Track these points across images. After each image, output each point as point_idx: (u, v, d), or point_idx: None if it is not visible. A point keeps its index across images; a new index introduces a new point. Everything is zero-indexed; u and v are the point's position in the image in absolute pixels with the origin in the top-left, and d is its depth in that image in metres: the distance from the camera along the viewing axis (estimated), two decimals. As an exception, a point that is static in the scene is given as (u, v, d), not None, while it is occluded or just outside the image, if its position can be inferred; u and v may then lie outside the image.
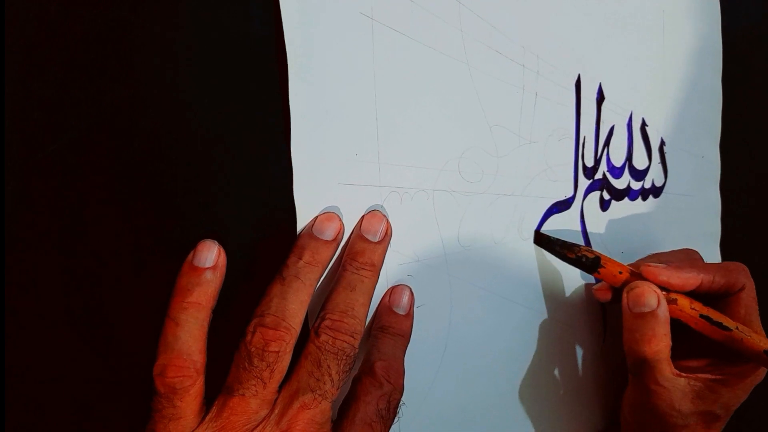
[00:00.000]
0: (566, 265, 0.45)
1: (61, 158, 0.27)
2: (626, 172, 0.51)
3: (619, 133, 0.50)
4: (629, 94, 0.51)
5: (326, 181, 0.32)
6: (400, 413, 0.32)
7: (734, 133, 0.63)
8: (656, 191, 0.54)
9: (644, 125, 0.53)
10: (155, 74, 0.28)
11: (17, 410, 0.28)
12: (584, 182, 0.47)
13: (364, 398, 0.30)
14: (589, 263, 0.41)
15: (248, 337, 0.27)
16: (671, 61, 0.55)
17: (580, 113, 0.46)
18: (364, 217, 0.33)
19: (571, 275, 0.46)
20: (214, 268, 0.27)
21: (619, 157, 0.50)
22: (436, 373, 0.38)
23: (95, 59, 0.27)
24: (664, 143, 0.55)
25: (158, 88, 0.28)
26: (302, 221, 0.31)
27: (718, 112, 0.62)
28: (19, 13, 0.26)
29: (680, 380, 0.41)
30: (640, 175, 0.53)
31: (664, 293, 0.41)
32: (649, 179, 0.54)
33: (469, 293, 0.39)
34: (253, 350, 0.27)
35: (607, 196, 0.49)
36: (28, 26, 0.26)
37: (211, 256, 0.27)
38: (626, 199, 0.51)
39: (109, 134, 0.28)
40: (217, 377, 0.28)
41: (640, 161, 0.52)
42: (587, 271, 0.41)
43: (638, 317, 0.40)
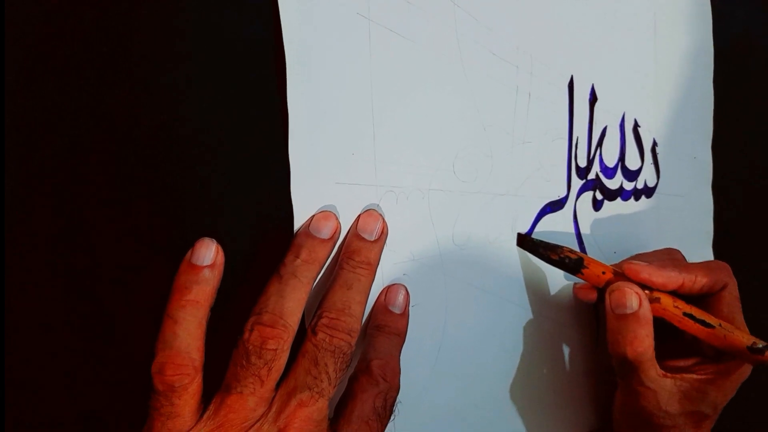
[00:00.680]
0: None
1: (60, 157, 0.27)
2: (619, 172, 0.52)
3: (611, 133, 0.51)
4: (622, 95, 0.51)
5: (323, 180, 0.32)
6: (396, 411, 0.32)
7: (726, 134, 0.63)
8: (648, 191, 0.55)
9: (636, 126, 0.53)
10: (153, 73, 0.28)
11: (16, 407, 0.28)
12: (577, 182, 0.47)
13: (360, 396, 0.31)
14: (572, 264, 0.41)
15: (246, 335, 0.28)
16: (663, 62, 0.56)
17: (573, 114, 0.47)
18: (360, 216, 0.33)
19: (565, 275, 0.46)
20: (212, 266, 0.27)
21: (611, 157, 0.51)
22: (431, 371, 0.38)
23: (94, 58, 0.27)
24: (656, 144, 0.55)
25: (156, 87, 0.28)
26: (299, 220, 0.31)
27: (709, 113, 0.62)
28: (19, 13, 0.26)
29: (666, 381, 0.41)
30: (632, 175, 0.53)
31: (646, 292, 0.40)
32: (641, 180, 0.54)
33: (464, 292, 0.39)
34: (250, 348, 0.27)
35: (599, 196, 0.50)
36: (28, 26, 0.26)
37: (209, 254, 0.27)
38: (619, 199, 0.52)
39: (107, 133, 0.28)
40: (215, 375, 0.28)
41: (632, 162, 0.53)
42: (571, 272, 0.41)
43: (620, 318, 0.40)
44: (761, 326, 0.44)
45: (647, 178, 0.55)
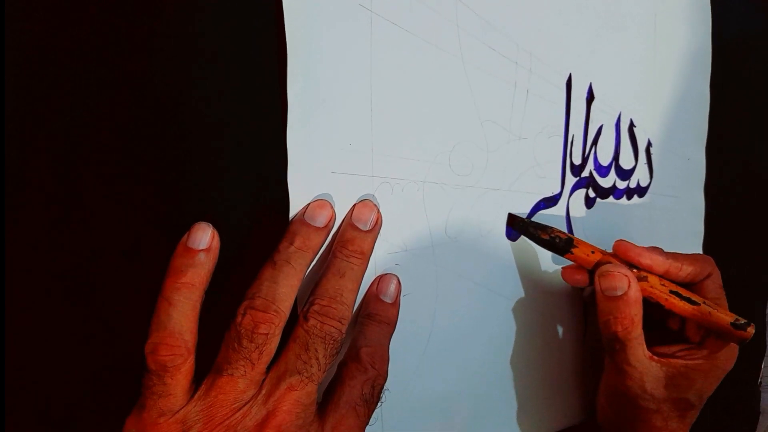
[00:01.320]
0: (550, 259, 0.46)
1: (59, 142, 0.27)
2: (612, 171, 0.52)
3: (607, 132, 0.51)
4: (619, 94, 0.52)
5: (320, 169, 0.32)
6: (383, 398, 0.33)
7: (720, 136, 0.64)
8: (641, 191, 0.55)
9: (632, 126, 0.53)
10: (151, 62, 0.28)
11: (14, 388, 0.28)
12: (571, 180, 0.48)
13: (349, 382, 0.31)
14: (561, 244, 0.41)
15: (238, 318, 0.28)
16: (661, 63, 0.56)
17: (569, 112, 0.47)
18: (355, 205, 0.33)
19: (554, 269, 0.47)
20: (207, 250, 0.28)
21: (606, 156, 0.51)
22: (420, 360, 0.38)
23: (90, 49, 0.27)
24: (650, 144, 0.56)
25: (154, 75, 0.28)
26: (295, 208, 0.31)
27: (705, 115, 0.63)
28: (19, 11, 0.26)
29: (653, 364, 0.42)
30: (626, 174, 0.53)
31: (634, 271, 0.42)
32: (634, 179, 0.54)
33: (454, 284, 0.40)
34: (242, 331, 0.28)
35: (592, 194, 0.50)
36: (28, 25, 0.26)
37: (205, 238, 0.28)
38: (611, 197, 0.52)
39: (106, 119, 0.28)
40: (208, 357, 0.29)
41: (626, 161, 0.53)
42: (560, 252, 0.42)
43: (610, 300, 0.41)
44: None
45: (640, 177, 0.55)
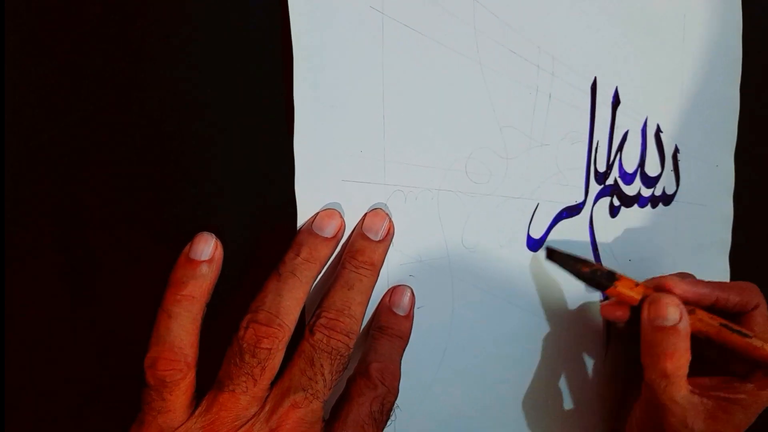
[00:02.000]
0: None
1: (61, 148, 0.27)
2: (638, 178, 0.50)
3: (632, 138, 0.49)
4: (645, 99, 0.50)
5: (329, 177, 0.31)
6: (393, 416, 0.32)
7: (750, 142, 0.62)
8: (666, 199, 0.54)
9: (659, 131, 0.52)
10: (157, 67, 0.27)
11: (14, 399, 0.28)
12: (595, 187, 0.46)
13: (357, 399, 0.30)
14: (603, 279, 0.40)
15: (241, 332, 0.27)
16: (690, 67, 0.54)
17: (594, 117, 0.45)
18: (366, 215, 0.32)
19: (575, 283, 0.45)
20: (210, 261, 0.27)
21: (631, 163, 0.50)
22: (433, 376, 0.37)
23: (96, 53, 0.27)
24: (678, 150, 0.54)
25: (160, 81, 0.28)
26: (303, 217, 0.31)
27: (734, 121, 0.61)
28: (19, 9, 0.26)
29: (695, 398, 0.40)
30: (651, 182, 0.52)
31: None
32: (660, 187, 0.53)
33: (471, 296, 0.39)
34: (245, 346, 0.27)
35: (617, 202, 0.49)
36: (28, 23, 0.26)
37: (207, 249, 0.27)
38: (636, 206, 0.51)
39: (110, 127, 0.27)
40: (210, 372, 0.28)
41: (652, 168, 0.52)
42: (601, 288, 0.40)
43: (658, 330, 0.39)
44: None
45: (666, 185, 0.53)
